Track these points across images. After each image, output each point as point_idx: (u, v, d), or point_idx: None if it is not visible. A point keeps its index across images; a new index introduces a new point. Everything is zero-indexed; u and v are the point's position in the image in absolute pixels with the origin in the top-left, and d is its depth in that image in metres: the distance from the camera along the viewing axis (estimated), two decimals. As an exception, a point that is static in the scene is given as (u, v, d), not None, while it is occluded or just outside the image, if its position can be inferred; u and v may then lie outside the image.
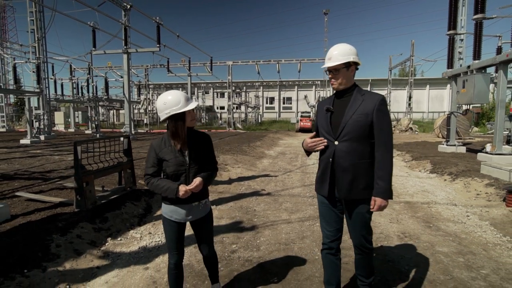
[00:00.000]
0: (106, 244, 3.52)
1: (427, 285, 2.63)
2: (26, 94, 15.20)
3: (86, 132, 24.76)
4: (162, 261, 3.14)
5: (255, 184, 6.72)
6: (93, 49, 16.27)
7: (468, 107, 10.49)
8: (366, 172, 2.01)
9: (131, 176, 5.07)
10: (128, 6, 13.94)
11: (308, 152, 2.22)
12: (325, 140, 2.08)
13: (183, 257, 2.26)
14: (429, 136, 19.56)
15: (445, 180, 6.93)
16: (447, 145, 11.18)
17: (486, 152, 8.36)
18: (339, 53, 2.01)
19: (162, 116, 1.99)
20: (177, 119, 1.98)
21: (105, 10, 16.42)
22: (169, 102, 1.96)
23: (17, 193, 4.59)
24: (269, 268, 2.95)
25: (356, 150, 1.99)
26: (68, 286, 2.63)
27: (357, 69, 2.07)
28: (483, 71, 8.96)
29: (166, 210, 2.15)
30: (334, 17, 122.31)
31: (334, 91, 2.16)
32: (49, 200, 4.34)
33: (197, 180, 2.02)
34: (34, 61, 14.89)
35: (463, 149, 10.94)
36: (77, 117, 34.11)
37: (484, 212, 4.62)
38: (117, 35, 15.29)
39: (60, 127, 29.56)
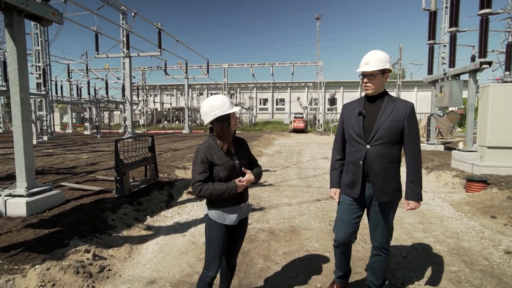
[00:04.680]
0: (147, 220, 4.43)
1: (393, 242, 3.59)
2: (32, 96, 15.81)
3: (85, 133, 25.32)
4: (195, 230, 4.07)
5: (257, 178, 7.66)
6: (96, 53, 16.97)
7: (446, 110, 11.66)
8: (395, 175, 2.11)
9: (154, 169, 5.97)
10: (133, 14, 14.73)
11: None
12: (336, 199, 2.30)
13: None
14: (414, 136, 20.74)
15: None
16: (427, 143, 12.35)
17: (459, 150, 9.49)
18: (378, 59, 2.05)
19: (208, 118, 2.01)
20: (223, 120, 2.00)
21: (105, 14, 17.11)
22: (216, 105, 1.99)
23: (62, 183, 5.43)
24: (278, 234, 3.91)
25: (387, 154, 2.08)
26: (130, 246, 3.53)
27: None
28: (457, 77, 10.14)
29: (217, 215, 2.06)
30: (326, 21, 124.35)
31: (364, 95, 2.22)
32: (91, 189, 5.20)
33: (248, 172, 2.09)
34: (40, 64, 15.51)
35: (441, 147, 12.13)
36: (74, 117, 34.51)
37: (447, 196, 5.68)
38: (121, 41, 16.04)
39: (56, 128, 29.93)
